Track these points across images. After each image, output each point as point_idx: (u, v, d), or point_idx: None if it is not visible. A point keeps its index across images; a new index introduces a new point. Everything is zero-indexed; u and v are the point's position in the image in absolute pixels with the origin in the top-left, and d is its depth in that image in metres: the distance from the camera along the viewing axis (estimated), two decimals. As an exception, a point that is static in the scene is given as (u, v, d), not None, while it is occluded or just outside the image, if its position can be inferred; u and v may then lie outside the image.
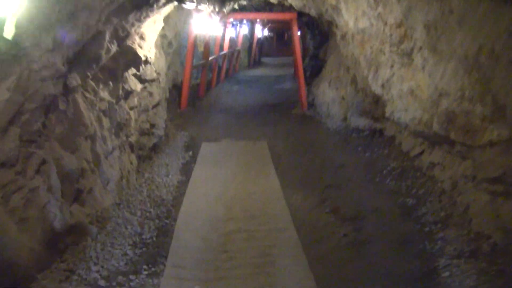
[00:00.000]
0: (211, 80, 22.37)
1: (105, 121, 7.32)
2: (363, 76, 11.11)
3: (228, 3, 14.47)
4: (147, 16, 7.54)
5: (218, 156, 10.66)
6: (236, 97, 20.01)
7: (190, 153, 10.80)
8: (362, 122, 12.20)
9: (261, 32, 35.82)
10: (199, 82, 20.05)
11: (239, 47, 30.40)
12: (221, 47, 24.76)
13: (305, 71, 19.22)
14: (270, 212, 7.40)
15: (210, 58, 20.25)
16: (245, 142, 12.01)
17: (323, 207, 7.68)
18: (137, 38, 8.10)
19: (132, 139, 8.64)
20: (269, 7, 16.43)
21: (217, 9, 13.76)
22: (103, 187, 6.94)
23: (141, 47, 8.26)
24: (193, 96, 18.88)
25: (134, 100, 8.57)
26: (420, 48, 7.29)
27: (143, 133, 9.64)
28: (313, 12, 13.33)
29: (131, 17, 7.05)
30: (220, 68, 25.18)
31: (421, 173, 8.75)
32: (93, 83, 7.10)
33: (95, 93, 7.12)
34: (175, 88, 17.31)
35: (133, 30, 7.54)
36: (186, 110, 16.27)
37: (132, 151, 8.71)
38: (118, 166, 7.64)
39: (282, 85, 23.99)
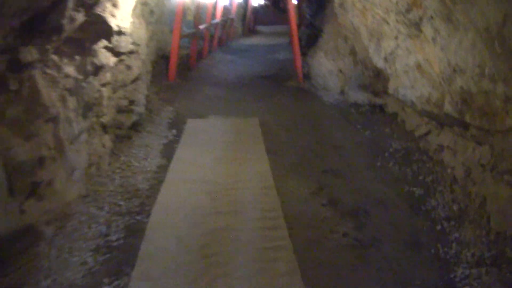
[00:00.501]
0: (202, 49, 21.35)
1: (71, 101, 6.36)
2: (363, 47, 10.18)
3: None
4: (118, -22, 6.52)
5: (204, 135, 9.70)
6: (228, 67, 18.98)
7: (174, 131, 9.86)
8: (361, 97, 11.30)
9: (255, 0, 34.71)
10: (189, 52, 19.05)
11: (233, 15, 29.23)
12: (213, 16, 23.69)
13: (300, 40, 18.13)
14: (259, 205, 6.46)
15: (201, 26, 19.20)
16: (235, 119, 11.05)
17: (319, 198, 6.81)
18: (108, 5, 7.03)
19: (105, 119, 7.68)
20: None
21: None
22: (67, 178, 6.03)
23: (113, 16, 7.21)
24: (183, 67, 17.87)
25: (107, 76, 7.55)
26: (432, 17, 6.34)
27: (120, 110, 8.71)
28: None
29: (97, -20, 6.07)
30: (212, 37, 24.12)
31: (427, 156, 7.91)
32: (55, 58, 6.12)
33: (58, 69, 6.15)
34: (163, 58, 16.34)
35: (102, -5, 6.55)
36: (174, 82, 15.28)
37: (106, 132, 7.78)
38: (86, 151, 6.72)
39: (277, 55, 22.89)
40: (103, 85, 7.43)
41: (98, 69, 7.16)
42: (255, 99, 13.35)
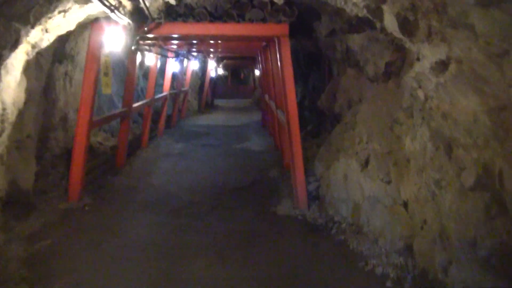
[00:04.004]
0: (141, 135, 14.59)
1: None
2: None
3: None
4: None
5: None
6: (177, 167, 12.03)
7: None
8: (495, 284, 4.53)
9: (214, 70, 28.67)
10: (116, 144, 12.25)
11: (186, 87, 22.73)
12: (158, 87, 17.34)
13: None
14: None
15: (136, 104, 12.49)
16: None
17: None
18: None
19: None
20: (239, 12, 8.62)
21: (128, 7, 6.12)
22: None
23: None
24: (105, 168, 11.07)
25: None
26: None
27: None
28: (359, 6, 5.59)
29: None
30: (157, 116, 17.52)
31: None
32: None
33: None
34: (63, 156, 9.68)
35: None
36: (78, 205, 8.47)
37: None
38: None
39: (249, 143, 16.02)
40: None
41: None
42: (223, 255, 6.58)
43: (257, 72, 35.12)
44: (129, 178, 10.65)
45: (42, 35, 5.77)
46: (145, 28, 7.73)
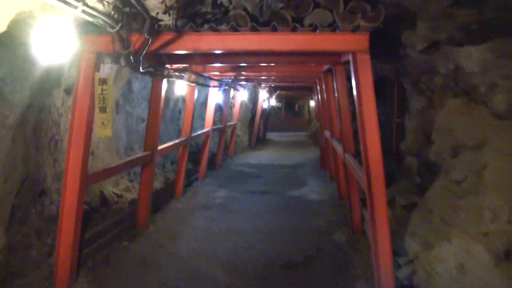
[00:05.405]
0: (175, 180, 12.00)
1: None
2: None
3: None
4: None
5: None
6: (214, 228, 9.17)
7: None
8: None
9: (266, 101, 26.31)
10: (135, 198, 9.67)
11: (234, 121, 20.18)
12: (202, 121, 14.99)
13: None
14: None
15: (163, 146, 9.94)
16: None
17: None
18: None
19: None
20: (296, 15, 5.75)
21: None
22: None
23: None
24: (117, 232, 8.47)
25: None
26: None
27: None
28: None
29: None
30: (197, 156, 15.05)
31: None
32: None
33: None
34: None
35: None
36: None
37: None
38: None
39: (304, 189, 13.16)
40: None
41: None
42: None
43: (312, 103, 32.71)
44: (149, 246, 8.01)
45: None
46: (146, 36, 5.00)
